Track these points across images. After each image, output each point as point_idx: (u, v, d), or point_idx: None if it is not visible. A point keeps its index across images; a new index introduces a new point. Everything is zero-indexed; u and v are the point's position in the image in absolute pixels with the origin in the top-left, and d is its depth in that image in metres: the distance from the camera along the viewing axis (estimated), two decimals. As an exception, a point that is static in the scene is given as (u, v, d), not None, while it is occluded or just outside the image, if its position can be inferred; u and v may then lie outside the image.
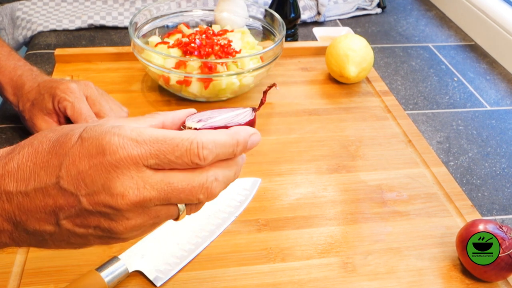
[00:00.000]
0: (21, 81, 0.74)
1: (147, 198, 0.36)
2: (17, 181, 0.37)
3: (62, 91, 0.70)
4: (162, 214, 0.38)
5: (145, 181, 0.36)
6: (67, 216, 0.37)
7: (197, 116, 0.41)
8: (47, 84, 0.72)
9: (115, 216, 0.37)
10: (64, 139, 0.37)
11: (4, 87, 0.75)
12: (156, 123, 0.40)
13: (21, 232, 0.38)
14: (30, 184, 0.36)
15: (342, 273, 0.59)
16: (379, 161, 0.76)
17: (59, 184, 0.36)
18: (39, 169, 0.36)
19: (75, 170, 0.36)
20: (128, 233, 0.38)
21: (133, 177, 0.35)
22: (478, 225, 0.58)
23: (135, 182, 0.35)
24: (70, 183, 0.36)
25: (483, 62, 1.07)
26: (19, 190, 0.37)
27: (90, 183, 0.36)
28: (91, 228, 0.37)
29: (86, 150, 0.35)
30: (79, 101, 0.70)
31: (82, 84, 0.73)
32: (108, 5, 1.16)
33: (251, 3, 0.96)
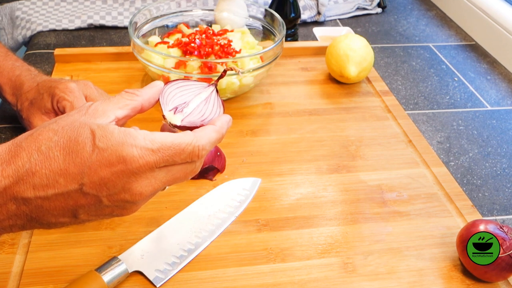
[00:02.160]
0: (20, 81, 0.74)
1: (156, 189, 0.43)
2: (34, 187, 0.39)
3: (61, 91, 0.70)
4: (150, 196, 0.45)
5: (156, 178, 0.43)
6: (85, 211, 0.42)
7: (171, 102, 0.48)
8: (46, 83, 0.72)
9: (129, 206, 0.43)
10: (76, 147, 0.40)
11: (2, 88, 0.74)
12: (136, 105, 0.46)
13: (34, 224, 0.42)
14: (50, 190, 0.40)
15: (342, 273, 0.59)
16: (379, 161, 0.76)
17: (82, 190, 0.40)
18: (58, 176, 0.39)
19: (97, 177, 0.40)
20: (132, 211, 0.44)
21: (148, 178, 0.42)
22: (478, 225, 0.58)
23: (150, 181, 0.42)
24: (93, 188, 0.40)
25: (483, 62, 1.07)
26: (38, 196, 0.40)
27: (111, 186, 0.41)
28: (103, 215, 0.43)
29: (106, 160, 0.40)
30: (78, 101, 0.70)
31: (82, 84, 0.73)
32: (107, 4, 1.16)
33: (251, 3, 0.96)
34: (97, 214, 0.43)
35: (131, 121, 0.77)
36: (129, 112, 0.46)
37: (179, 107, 0.49)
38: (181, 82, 0.50)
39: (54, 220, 0.42)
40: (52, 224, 0.42)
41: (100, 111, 0.44)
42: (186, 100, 0.50)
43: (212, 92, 0.51)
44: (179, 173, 0.44)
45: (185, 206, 0.65)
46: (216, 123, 0.47)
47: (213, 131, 0.46)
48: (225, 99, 0.86)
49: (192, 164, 0.45)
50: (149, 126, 0.82)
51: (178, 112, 0.49)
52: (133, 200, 0.42)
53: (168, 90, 0.49)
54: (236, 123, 0.82)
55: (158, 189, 0.44)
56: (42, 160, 0.39)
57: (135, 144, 0.41)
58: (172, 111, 0.49)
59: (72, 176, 0.40)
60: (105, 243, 0.60)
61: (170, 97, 0.49)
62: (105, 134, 0.40)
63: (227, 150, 0.74)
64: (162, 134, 0.43)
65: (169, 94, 0.49)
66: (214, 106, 0.51)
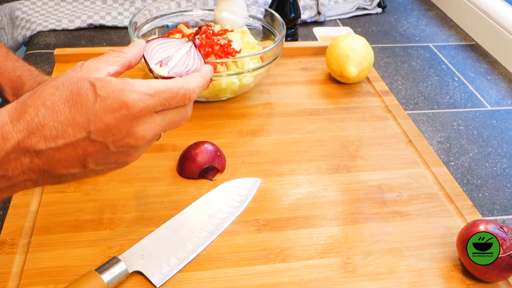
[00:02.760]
0: (21, 81, 0.74)
1: (156, 134, 0.47)
2: (45, 139, 0.42)
3: None
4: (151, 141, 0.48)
5: (155, 122, 0.46)
6: (94, 160, 0.44)
7: (155, 56, 0.52)
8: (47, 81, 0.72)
9: (133, 151, 0.46)
10: (79, 98, 0.42)
11: (3, 88, 0.74)
12: (124, 61, 0.49)
13: (47, 177, 0.44)
14: (60, 141, 0.42)
15: (342, 274, 0.59)
16: (380, 161, 0.76)
17: (90, 137, 0.43)
18: (66, 126, 0.42)
19: (103, 124, 0.43)
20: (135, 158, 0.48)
21: (148, 122, 0.45)
22: (478, 225, 0.58)
23: (150, 125, 0.45)
24: (99, 135, 0.43)
25: (483, 62, 1.07)
26: (49, 147, 0.42)
27: (117, 132, 0.43)
28: (109, 164, 0.46)
29: (109, 106, 0.43)
30: None
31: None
32: (107, 4, 1.16)
33: (251, 2, 0.96)
34: (104, 163, 0.45)
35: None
36: (119, 68, 0.48)
37: (164, 60, 0.53)
38: (161, 39, 0.54)
39: (65, 171, 0.44)
40: (63, 176, 0.44)
41: (93, 68, 0.46)
42: (169, 54, 0.54)
43: (191, 47, 0.55)
44: (174, 117, 0.48)
45: (185, 206, 0.65)
46: (201, 70, 0.51)
47: (199, 77, 0.50)
48: (225, 99, 0.86)
49: (185, 108, 0.49)
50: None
51: (164, 65, 0.53)
52: (136, 144, 0.45)
53: (151, 46, 0.53)
54: (236, 123, 0.82)
55: (157, 133, 0.47)
56: (49, 113, 0.42)
57: (134, 90, 0.44)
58: (158, 65, 0.52)
59: (79, 125, 0.42)
60: (105, 243, 0.60)
61: (154, 52, 0.53)
62: (105, 84, 0.43)
63: (227, 150, 0.74)
64: (156, 81, 0.46)
65: (153, 50, 0.53)
66: (195, 58, 0.55)
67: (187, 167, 0.69)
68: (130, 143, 0.45)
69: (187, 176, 0.70)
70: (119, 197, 0.66)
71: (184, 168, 0.69)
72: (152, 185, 0.68)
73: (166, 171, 0.71)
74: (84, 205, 0.64)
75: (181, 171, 0.70)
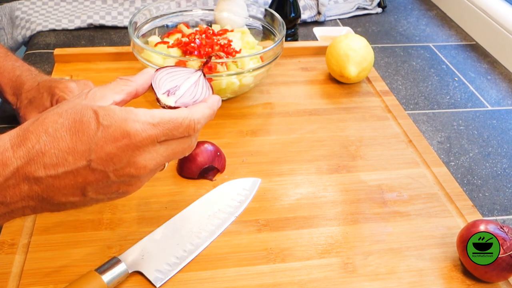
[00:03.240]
0: (21, 81, 0.74)
1: (158, 164, 0.46)
2: (45, 167, 0.41)
3: (61, 90, 0.70)
4: (159, 168, 0.48)
5: (157, 152, 0.45)
6: (94, 189, 0.44)
7: (163, 86, 0.52)
8: (47, 83, 0.72)
9: (134, 181, 0.45)
10: (81, 126, 0.42)
11: (3, 88, 0.74)
12: (131, 90, 0.49)
13: (46, 205, 0.44)
14: (60, 168, 0.42)
15: (342, 274, 0.59)
16: (380, 161, 0.75)
17: (90, 166, 0.42)
18: (66, 154, 0.42)
19: (104, 153, 0.42)
20: (137, 188, 0.47)
21: (150, 152, 0.45)
22: (479, 225, 0.58)
23: (152, 155, 0.45)
24: (100, 164, 0.42)
25: (484, 62, 1.07)
26: (49, 174, 0.41)
27: (118, 161, 0.43)
28: (110, 193, 0.45)
29: (111, 136, 0.42)
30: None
31: (82, 84, 0.73)
32: (107, 4, 1.16)
33: (251, 2, 0.96)
34: (105, 192, 0.45)
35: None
36: (125, 96, 0.48)
37: (171, 90, 0.53)
38: (170, 68, 0.54)
39: (64, 199, 0.43)
40: (62, 204, 0.44)
41: (99, 96, 0.46)
42: (177, 84, 0.53)
43: (200, 76, 0.55)
44: (178, 148, 0.47)
45: (185, 206, 0.65)
46: (208, 100, 0.50)
47: (206, 107, 0.49)
48: (225, 99, 0.86)
49: (189, 139, 0.48)
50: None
51: (171, 94, 0.52)
52: (138, 174, 0.44)
53: (159, 75, 0.52)
54: (236, 123, 0.82)
55: (160, 163, 0.46)
56: (51, 140, 0.41)
57: (137, 119, 0.43)
58: (165, 94, 0.52)
59: (80, 153, 0.42)
60: (105, 243, 0.60)
61: (161, 81, 0.53)
62: (108, 112, 0.43)
63: (227, 150, 0.74)
64: (160, 110, 0.45)
65: (161, 79, 0.53)
66: (203, 88, 0.55)
67: (187, 167, 0.69)
68: (132, 172, 0.44)
69: (187, 176, 0.70)
70: (119, 197, 0.66)
71: (184, 168, 0.69)
72: (152, 185, 0.68)
73: (166, 171, 0.70)
74: (84, 205, 0.64)
75: (181, 171, 0.70)
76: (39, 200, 0.43)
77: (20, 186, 0.42)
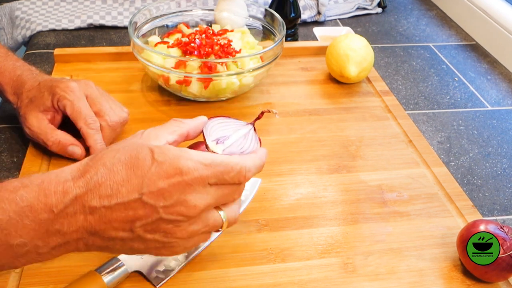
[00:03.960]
0: (22, 80, 0.74)
1: (208, 204, 0.47)
2: (100, 197, 0.44)
3: (62, 90, 0.70)
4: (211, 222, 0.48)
5: (208, 193, 0.46)
6: (142, 224, 0.45)
7: (213, 133, 0.55)
8: (48, 82, 0.72)
9: (183, 223, 0.46)
10: (137, 162, 0.45)
11: (4, 88, 0.74)
12: (183, 131, 0.52)
13: (97, 239, 0.45)
14: (113, 200, 0.44)
15: (342, 274, 0.59)
16: (380, 161, 0.75)
17: (142, 199, 0.44)
18: (120, 186, 0.44)
19: (156, 188, 0.44)
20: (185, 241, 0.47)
21: (201, 192, 0.46)
22: (479, 225, 0.58)
23: (203, 196, 0.46)
24: (151, 198, 0.44)
25: (484, 62, 1.07)
26: (102, 205, 0.44)
27: (168, 197, 0.44)
28: (158, 233, 0.46)
29: (164, 171, 0.44)
30: (78, 100, 0.70)
31: (83, 83, 0.73)
32: (107, 4, 1.16)
33: (251, 2, 0.96)
34: (153, 230, 0.46)
35: (131, 121, 0.77)
36: (177, 137, 0.51)
37: (221, 139, 0.56)
38: (222, 118, 0.57)
39: (114, 233, 0.45)
40: (112, 239, 0.46)
41: (153, 135, 0.49)
42: (227, 134, 0.56)
43: (250, 130, 0.58)
44: (228, 192, 0.48)
45: (185, 206, 0.65)
46: (258, 152, 0.53)
47: (256, 158, 0.51)
48: (225, 99, 0.86)
49: (240, 186, 0.49)
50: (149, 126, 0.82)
51: (220, 143, 0.55)
52: (188, 213, 0.45)
53: (211, 123, 0.56)
54: (236, 123, 0.82)
55: (210, 204, 0.47)
56: (107, 173, 0.44)
57: (190, 158, 0.46)
58: (214, 142, 0.55)
59: (133, 187, 0.44)
60: (105, 243, 0.60)
61: (213, 129, 0.56)
62: (163, 150, 0.46)
63: (227, 150, 0.73)
64: (213, 154, 0.49)
65: (212, 127, 0.56)
66: (252, 141, 0.58)
67: None
68: (182, 211, 0.45)
69: None
70: (119, 197, 0.66)
71: None
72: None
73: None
74: (84, 205, 0.64)
75: None
76: (92, 233, 0.45)
77: (77, 215, 0.44)
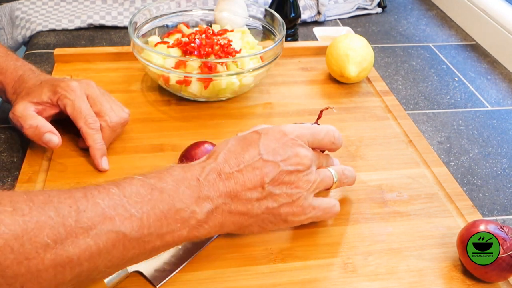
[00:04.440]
0: (23, 80, 0.74)
1: (314, 158, 0.58)
2: (230, 166, 0.54)
3: (63, 89, 0.70)
4: (322, 174, 0.59)
5: (307, 149, 0.58)
6: (270, 180, 0.54)
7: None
8: (49, 81, 0.72)
9: (301, 173, 0.56)
10: (247, 140, 0.57)
11: (5, 88, 0.74)
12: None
13: (238, 203, 0.54)
14: (241, 164, 0.54)
15: (342, 274, 0.59)
16: (380, 161, 0.75)
17: (262, 158, 0.55)
18: (242, 156, 0.55)
19: (270, 148, 0.55)
20: (309, 193, 0.57)
21: (305, 147, 0.57)
22: (479, 225, 0.58)
23: (308, 149, 0.58)
24: (270, 155, 0.55)
25: (484, 62, 1.07)
26: (234, 170, 0.54)
27: (283, 152, 0.55)
28: (285, 186, 0.55)
29: (272, 137, 0.56)
30: (79, 100, 0.70)
31: (84, 83, 0.73)
32: (107, 4, 1.16)
33: (251, 2, 0.96)
34: (279, 183, 0.55)
35: (131, 121, 0.77)
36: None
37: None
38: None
39: (249, 194, 0.54)
40: (249, 201, 0.54)
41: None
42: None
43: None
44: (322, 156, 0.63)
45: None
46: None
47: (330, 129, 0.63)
48: (225, 99, 0.86)
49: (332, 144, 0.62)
50: (149, 126, 0.82)
51: None
52: (302, 161, 0.56)
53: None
54: (236, 123, 0.82)
55: (314, 158, 0.58)
56: (227, 152, 0.55)
57: (288, 125, 0.59)
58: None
59: (253, 153, 0.55)
60: (104, 243, 0.60)
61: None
62: (263, 128, 0.58)
63: (227, 150, 0.73)
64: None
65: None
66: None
67: None
68: (297, 161, 0.56)
69: None
70: (119, 197, 0.66)
71: None
72: (152, 185, 0.68)
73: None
74: (84, 205, 0.64)
75: None
76: (232, 197, 0.53)
77: (217, 182, 0.53)
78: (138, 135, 0.76)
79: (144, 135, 0.76)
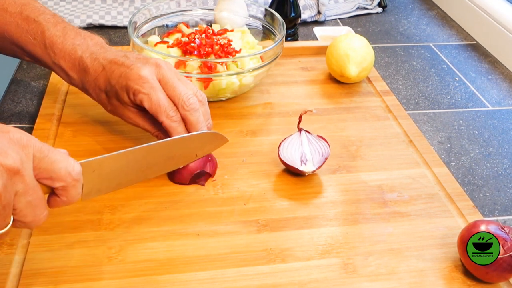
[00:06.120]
0: (84, 66, 0.68)
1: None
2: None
3: (135, 82, 0.64)
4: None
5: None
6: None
7: (295, 160, 0.69)
8: (115, 71, 0.66)
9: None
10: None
11: (68, 72, 0.70)
12: None
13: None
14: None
15: (342, 274, 0.58)
16: (380, 161, 0.75)
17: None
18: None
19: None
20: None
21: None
22: (479, 225, 0.58)
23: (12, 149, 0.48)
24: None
25: (484, 62, 1.07)
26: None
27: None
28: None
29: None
30: (155, 91, 0.64)
31: (153, 66, 0.66)
32: (107, 4, 1.15)
33: (251, 2, 0.95)
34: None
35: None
36: None
37: (303, 159, 0.67)
38: (284, 143, 0.70)
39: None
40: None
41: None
42: (300, 151, 0.67)
43: (305, 135, 0.69)
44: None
45: (184, 206, 0.65)
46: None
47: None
48: (225, 99, 0.86)
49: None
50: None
51: (304, 163, 0.67)
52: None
53: (282, 153, 0.69)
54: (236, 123, 0.81)
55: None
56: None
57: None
58: (302, 165, 0.67)
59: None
60: (104, 244, 0.60)
61: (291, 156, 0.68)
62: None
63: (227, 150, 0.73)
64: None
65: (286, 153, 0.69)
66: (317, 141, 0.69)
67: (178, 173, 0.67)
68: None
69: (179, 182, 0.68)
70: (118, 198, 0.66)
71: (175, 174, 0.68)
72: (151, 185, 0.68)
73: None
74: (83, 206, 0.64)
75: (172, 177, 0.69)
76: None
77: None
78: (138, 135, 0.76)
79: (144, 135, 0.76)
